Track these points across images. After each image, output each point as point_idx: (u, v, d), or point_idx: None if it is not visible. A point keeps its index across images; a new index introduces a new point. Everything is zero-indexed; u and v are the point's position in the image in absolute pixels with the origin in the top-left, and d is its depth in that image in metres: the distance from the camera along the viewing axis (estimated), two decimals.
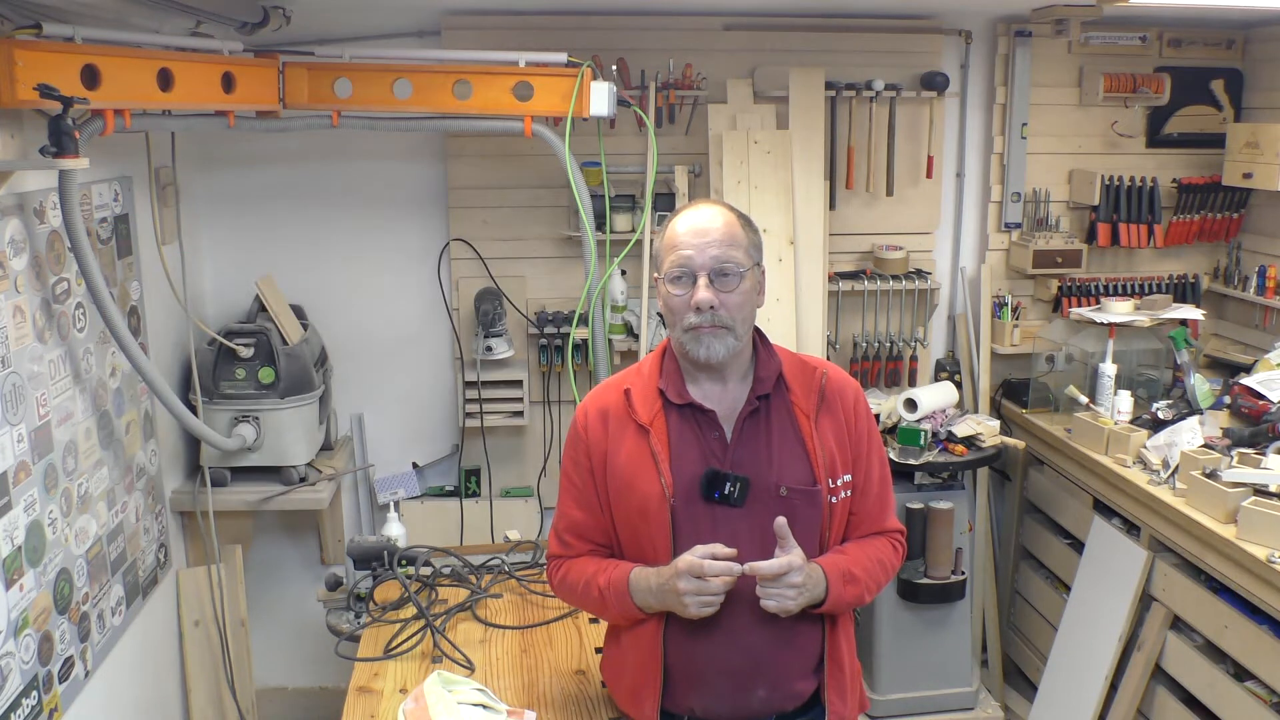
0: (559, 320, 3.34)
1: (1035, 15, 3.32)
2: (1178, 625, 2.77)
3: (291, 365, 2.99)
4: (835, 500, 1.84)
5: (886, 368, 3.53)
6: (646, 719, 1.86)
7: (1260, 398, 2.99)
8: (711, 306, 1.76)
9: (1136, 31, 3.49)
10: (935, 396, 3.26)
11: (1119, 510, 3.01)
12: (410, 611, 2.53)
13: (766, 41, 3.34)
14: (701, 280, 1.77)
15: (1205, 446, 2.86)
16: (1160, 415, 3.13)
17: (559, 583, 1.97)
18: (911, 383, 3.53)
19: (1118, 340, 3.27)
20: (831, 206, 3.42)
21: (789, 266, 3.23)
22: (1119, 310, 3.29)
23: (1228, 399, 3.13)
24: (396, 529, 3.04)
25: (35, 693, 2.13)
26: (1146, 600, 2.87)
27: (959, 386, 3.44)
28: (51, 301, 2.24)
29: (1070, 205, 3.62)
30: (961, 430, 3.24)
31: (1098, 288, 3.61)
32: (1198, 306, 3.50)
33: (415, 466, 3.52)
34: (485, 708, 2.06)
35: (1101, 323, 3.25)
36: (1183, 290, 3.66)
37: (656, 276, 1.87)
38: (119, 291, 2.60)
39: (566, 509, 1.95)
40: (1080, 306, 3.44)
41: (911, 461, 3.13)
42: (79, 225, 2.17)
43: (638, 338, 3.28)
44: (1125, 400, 3.19)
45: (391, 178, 3.34)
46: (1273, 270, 3.41)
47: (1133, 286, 3.63)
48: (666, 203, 3.33)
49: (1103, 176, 3.50)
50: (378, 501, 3.49)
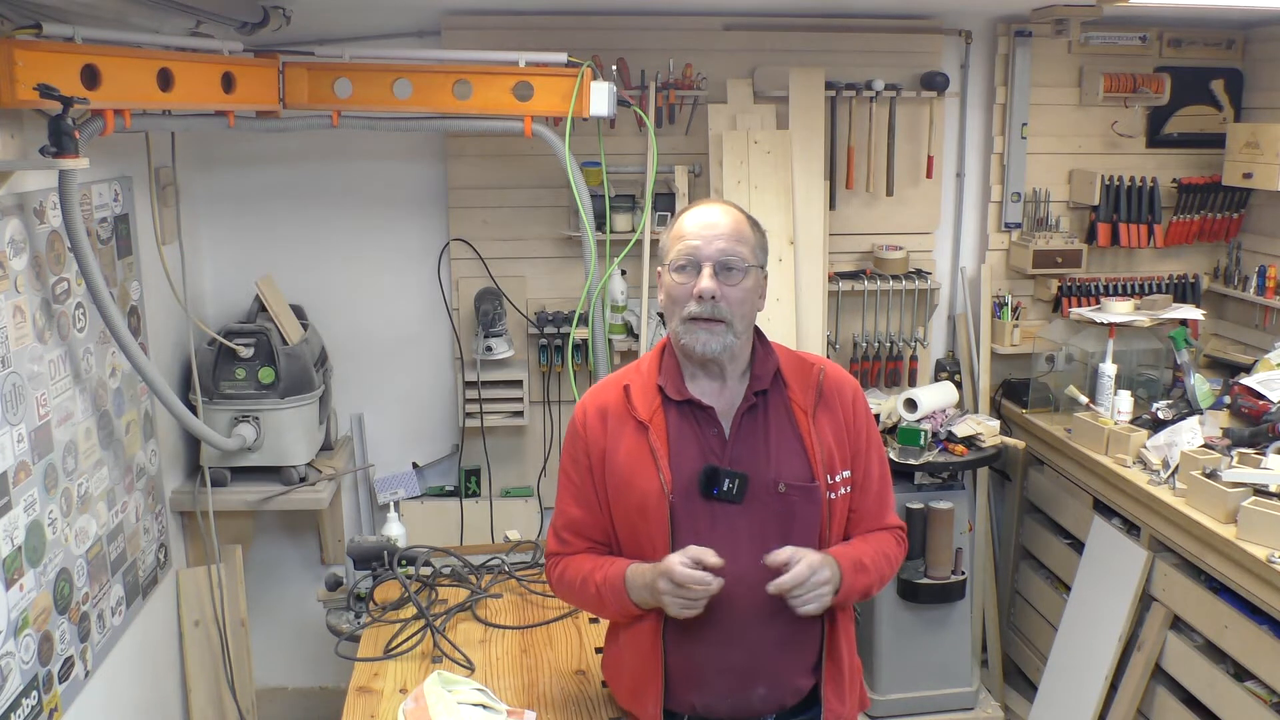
0: (559, 320, 3.34)
1: (1035, 15, 3.32)
2: (1178, 625, 2.77)
3: (291, 365, 2.99)
4: (834, 497, 1.84)
5: (886, 368, 3.53)
6: (649, 717, 1.86)
7: (1260, 398, 2.99)
8: (713, 296, 1.77)
9: (1136, 31, 3.49)
10: (935, 396, 3.26)
11: (1119, 510, 3.00)
12: (410, 611, 2.53)
13: (766, 41, 3.34)
14: (706, 270, 1.78)
15: (1205, 446, 2.86)
16: (1160, 415, 3.13)
17: (556, 580, 1.97)
18: (911, 383, 3.53)
19: (1118, 340, 3.27)
20: (831, 206, 3.42)
21: (789, 266, 3.23)
22: (1119, 310, 3.29)
23: (1228, 399, 3.13)
24: (396, 529, 3.04)
25: (35, 693, 2.13)
26: (1146, 600, 2.87)
27: (959, 386, 3.45)
28: (51, 301, 2.25)
29: (1070, 205, 3.62)
30: (961, 430, 3.24)
31: (1098, 288, 3.61)
32: (1198, 306, 3.50)
33: (415, 466, 3.52)
34: (485, 708, 2.06)
35: (1101, 323, 3.25)
36: (1183, 290, 3.66)
37: (660, 269, 1.87)
38: (119, 291, 2.60)
39: (565, 506, 1.95)
40: (1080, 306, 3.44)
41: (911, 461, 3.13)
42: (79, 225, 2.17)
43: (638, 338, 3.28)
44: (1125, 400, 3.19)
45: (391, 178, 3.34)
46: (1273, 270, 3.41)
47: (1133, 286, 3.63)
48: (666, 203, 3.33)
49: (1103, 176, 3.50)
50: (378, 501, 3.49)
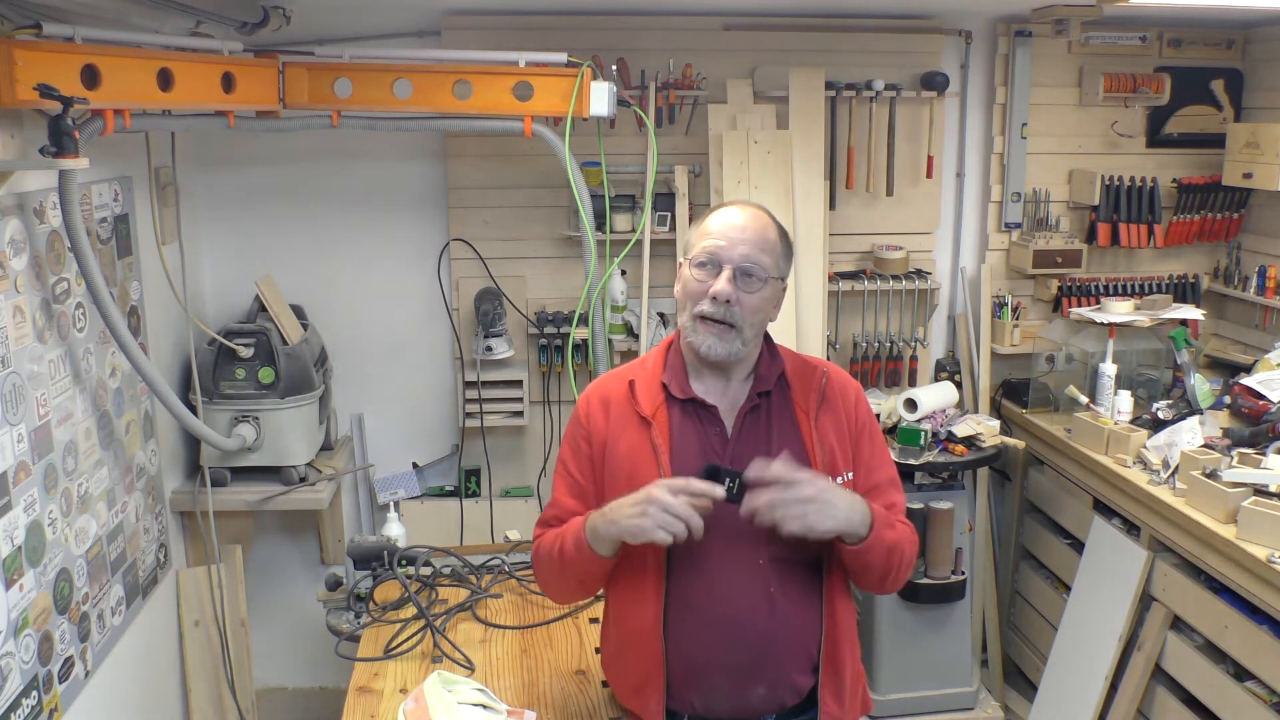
0: (559, 320, 3.34)
1: (1035, 15, 3.32)
2: (1178, 625, 2.77)
3: (291, 365, 2.99)
4: None
5: (886, 368, 3.53)
6: (652, 715, 1.86)
7: (1260, 398, 2.99)
8: (728, 300, 1.76)
9: (1136, 31, 3.49)
10: (935, 396, 3.26)
11: (1119, 510, 3.00)
12: (410, 611, 2.53)
13: (766, 41, 3.34)
14: (726, 272, 1.78)
15: (1205, 446, 2.86)
16: (1160, 415, 3.13)
17: (535, 557, 1.95)
18: (911, 383, 3.53)
19: (1118, 340, 3.27)
20: (831, 206, 3.42)
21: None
22: (1119, 310, 3.29)
23: (1228, 399, 3.13)
24: (396, 529, 3.04)
25: (35, 693, 2.13)
26: (1146, 600, 2.87)
27: (959, 386, 3.45)
28: (51, 301, 2.24)
29: (1070, 205, 3.62)
30: (961, 430, 3.24)
31: (1098, 288, 3.61)
32: (1198, 306, 3.50)
33: (415, 466, 3.52)
34: (485, 708, 2.06)
35: (1101, 323, 3.25)
36: (1183, 290, 3.66)
37: (682, 261, 1.87)
38: (119, 291, 2.60)
39: (559, 496, 1.94)
40: (1080, 306, 3.44)
41: (911, 461, 3.13)
42: (79, 225, 2.17)
43: (638, 338, 3.28)
44: (1125, 400, 3.19)
45: (391, 178, 3.34)
46: (1273, 270, 3.41)
47: (1133, 286, 3.63)
48: (666, 203, 3.33)
49: (1103, 176, 3.50)
50: (378, 501, 3.49)
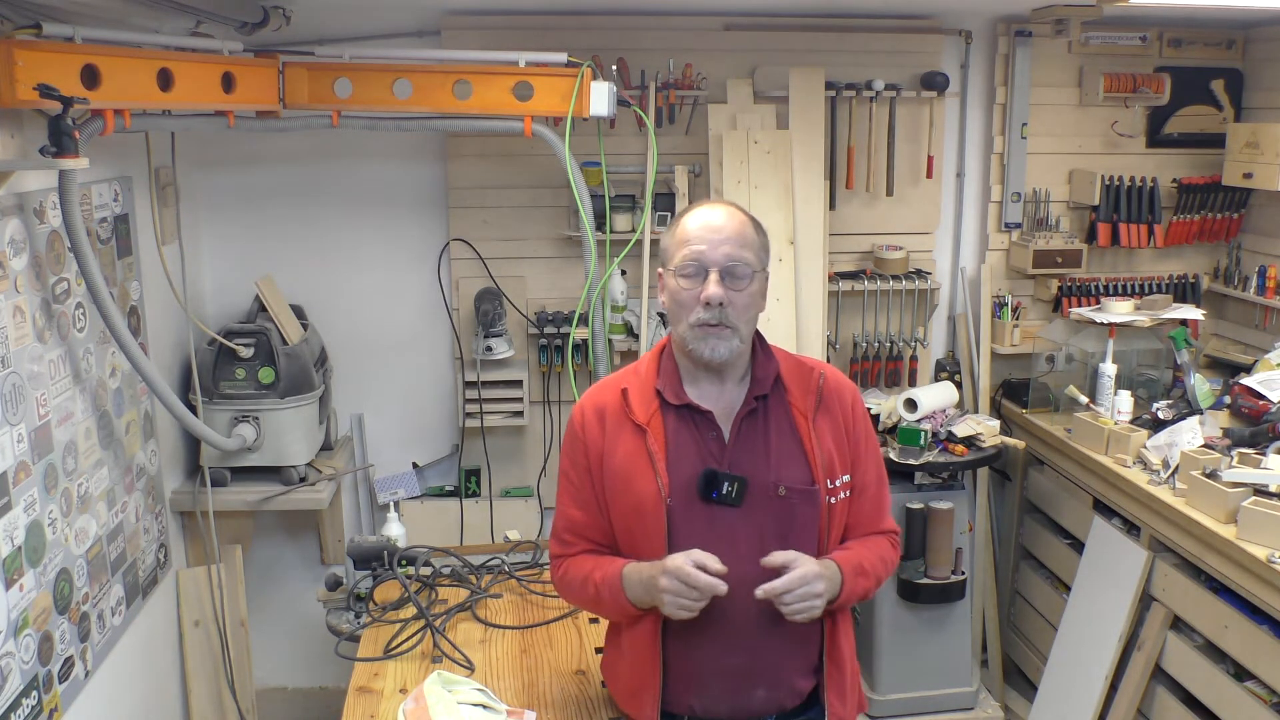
0: (559, 320, 3.34)
1: (1035, 15, 3.32)
2: (1178, 625, 2.77)
3: (291, 365, 2.99)
4: (834, 501, 1.84)
5: (886, 368, 3.53)
6: (646, 719, 1.86)
7: (1260, 398, 2.99)
8: (721, 303, 1.76)
9: (1136, 31, 3.49)
10: (935, 396, 3.26)
11: (1119, 510, 3.00)
12: (410, 611, 2.53)
13: (766, 41, 3.34)
14: (713, 276, 1.77)
15: (1205, 446, 2.85)
16: (1160, 415, 3.13)
17: (559, 581, 1.97)
18: (911, 383, 3.53)
19: (1118, 340, 3.27)
20: (831, 206, 3.42)
21: (789, 266, 3.23)
22: (1119, 310, 3.29)
23: (1228, 399, 3.13)
24: (396, 529, 3.04)
25: (35, 693, 2.13)
26: (1146, 600, 2.87)
27: (959, 386, 3.45)
28: (51, 301, 2.25)
29: (1070, 205, 3.62)
30: (961, 430, 3.24)
31: (1098, 288, 3.60)
32: (1198, 306, 3.50)
33: (415, 466, 3.52)
34: (485, 708, 2.06)
35: (1101, 323, 3.25)
36: (1183, 290, 3.66)
37: (661, 272, 1.87)
38: (119, 291, 2.60)
39: (565, 508, 1.95)
40: (1080, 306, 3.44)
41: (911, 461, 3.13)
42: (79, 225, 2.17)
43: (638, 338, 3.28)
44: (1125, 400, 3.19)
45: (391, 178, 3.34)
46: (1273, 270, 3.41)
47: (1133, 286, 3.63)
48: (666, 203, 3.33)
49: (1103, 176, 3.50)
50: (378, 501, 3.49)
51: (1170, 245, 3.63)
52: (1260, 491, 2.55)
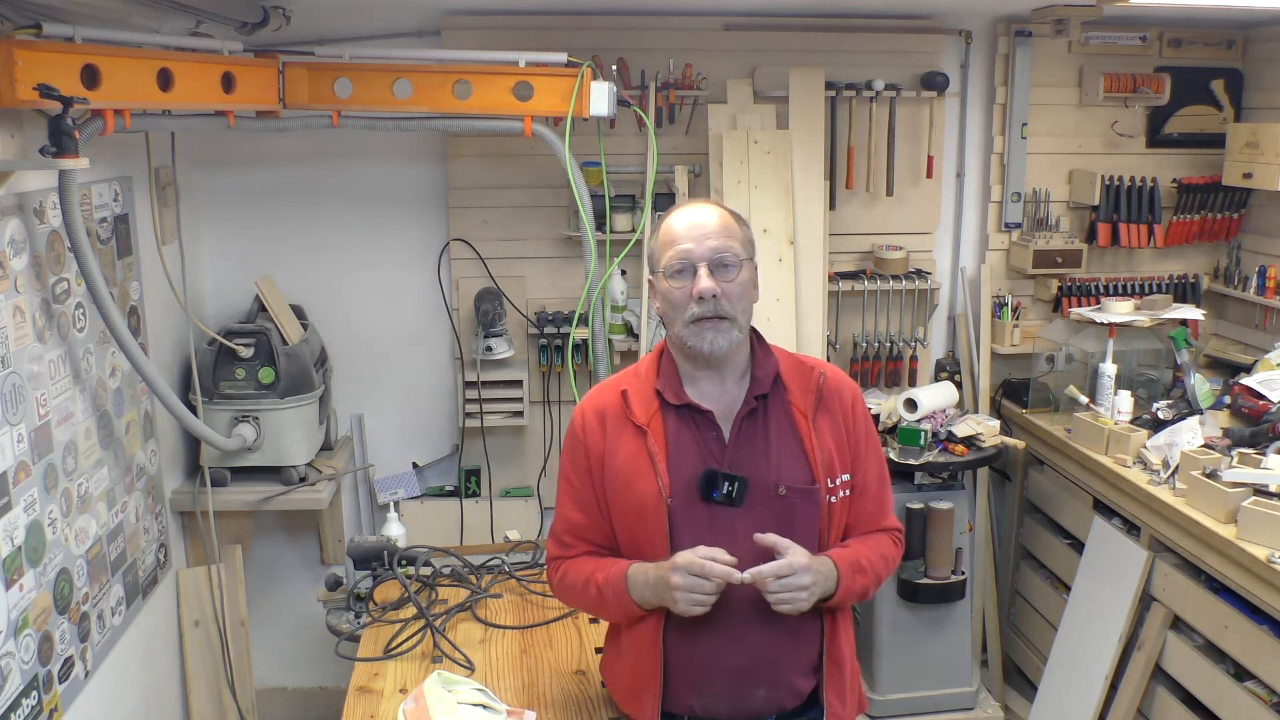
0: (559, 320, 3.34)
1: (1035, 15, 3.32)
2: (1178, 625, 2.77)
3: (291, 365, 2.99)
4: (834, 500, 1.84)
5: (886, 368, 3.53)
6: (647, 719, 1.86)
7: (1260, 398, 2.99)
8: (714, 295, 1.77)
9: (1136, 31, 3.49)
10: (935, 396, 3.26)
11: (1119, 510, 3.00)
12: (410, 611, 2.53)
13: (766, 41, 3.34)
14: (702, 270, 1.78)
15: (1205, 446, 2.86)
16: (1160, 415, 3.13)
17: (558, 583, 1.97)
18: (911, 383, 3.53)
19: (1118, 340, 3.27)
20: (831, 206, 3.42)
21: (789, 266, 3.23)
22: (1119, 310, 3.29)
23: (1228, 399, 3.13)
24: (396, 529, 3.04)
25: (35, 693, 2.13)
26: (1146, 600, 2.87)
27: (959, 386, 3.45)
28: (51, 301, 2.25)
29: (1070, 205, 3.62)
30: (961, 430, 3.24)
31: (1098, 288, 3.60)
32: (1198, 306, 3.50)
33: (415, 466, 3.52)
34: (485, 708, 2.06)
35: (1101, 323, 3.25)
36: (1183, 290, 3.66)
37: (651, 279, 1.88)
38: (119, 291, 2.60)
39: (565, 510, 1.95)
40: (1080, 306, 3.44)
41: (911, 461, 3.13)
42: (79, 225, 2.17)
43: (638, 338, 3.28)
44: (1125, 400, 3.19)
45: (391, 178, 3.34)
46: (1273, 270, 3.41)
47: (1133, 286, 3.63)
48: (666, 203, 3.33)
49: (1103, 176, 3.50)
50: (378, 501, 3.49)
51: (1170, 245, 3.63)
52: (1260, 491, 2.55)
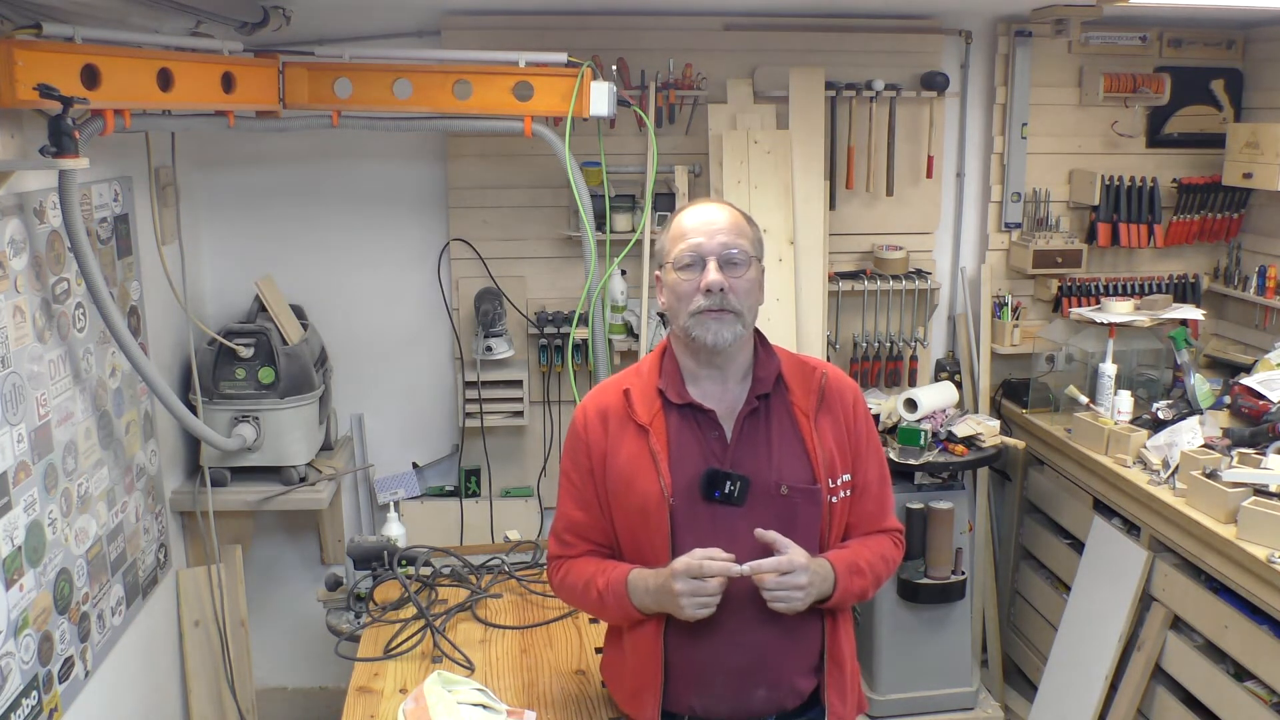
0: (559, 320, 3.34)
1: (1035, 15, 3.32)
2: (1178, 625, 2.77)
3: (291, 365, 2.99)
4: (835, 500, 1.85)
5: (886, 368, 3.53)
6: (647, 719, 1.86)
7: (1260, 398, 2.99)
8: (722, 289, 1.77)
9: (1136, 31, 3.49)
10: (935, 396, 3.26)
11: (1119, 510, 3.00)
12: (410, 611, 2.53)
13: (766, 41, 3.34)
14: (712, 264, 1.79)
15: (1205, 446, 2.86)
16: (1160, 415, 3.13)
17: (559, 583, 1.97)
18: (911, 383, 3.53)
19: (1118, 340, 3.27)
20: (831, 206, 3.42)
21: (789, 266, 3.23)
22: (1119, 310, 3.29)
23: (1228, 399, 3.13)
24: (396, 529, 3.04)
25: (35, 693, 2.13)
26: (1146, 600, 2.87)
27: (959, 386, 3.45)
28: (51, 301, 2.24)
29: (1070, 205, 3.62)
30: (961, 430, 3.25)
31: (1098, 288, 3.60)
32: (1198, 306, 3.50)
33: (415, 466, 3.52)
34: (485, 708, 2.06)
35: (1101, 323, 3.25)
36: (1183, 290, 3.66)
37: (659, 274, 1.88)
38: (119, 291, 2.60)
39: (566, 509, 1.95)
40: (1080, 306, 3.44)
41: (911, 461, 3.13)
42: (79, 225, 2.17)
43: (638, 338, 3.28)
44: (1125, 400, 3.19)
45: (391, 178, 3.34)
46: (1273, 270, 3.41)
47: (1133, 286, 3.63)
48: (666, 203, 3.33)
49: (1103, 176, 3.50)
50: (378, 501, 3.49)
51: (1170, 245, 3.63)
52: (1260, 491, 2.55)
